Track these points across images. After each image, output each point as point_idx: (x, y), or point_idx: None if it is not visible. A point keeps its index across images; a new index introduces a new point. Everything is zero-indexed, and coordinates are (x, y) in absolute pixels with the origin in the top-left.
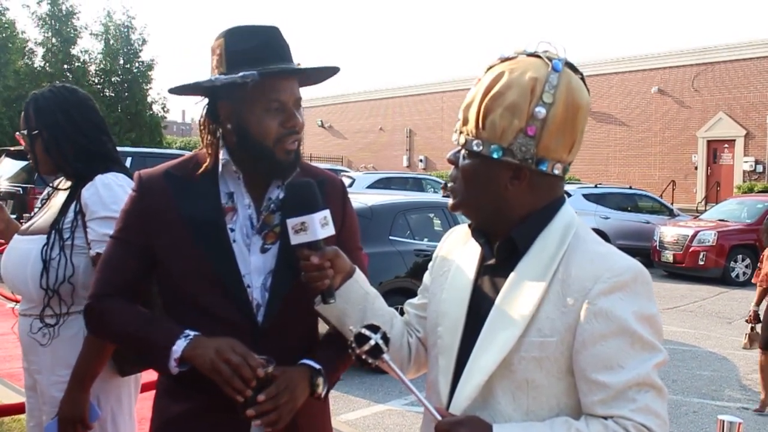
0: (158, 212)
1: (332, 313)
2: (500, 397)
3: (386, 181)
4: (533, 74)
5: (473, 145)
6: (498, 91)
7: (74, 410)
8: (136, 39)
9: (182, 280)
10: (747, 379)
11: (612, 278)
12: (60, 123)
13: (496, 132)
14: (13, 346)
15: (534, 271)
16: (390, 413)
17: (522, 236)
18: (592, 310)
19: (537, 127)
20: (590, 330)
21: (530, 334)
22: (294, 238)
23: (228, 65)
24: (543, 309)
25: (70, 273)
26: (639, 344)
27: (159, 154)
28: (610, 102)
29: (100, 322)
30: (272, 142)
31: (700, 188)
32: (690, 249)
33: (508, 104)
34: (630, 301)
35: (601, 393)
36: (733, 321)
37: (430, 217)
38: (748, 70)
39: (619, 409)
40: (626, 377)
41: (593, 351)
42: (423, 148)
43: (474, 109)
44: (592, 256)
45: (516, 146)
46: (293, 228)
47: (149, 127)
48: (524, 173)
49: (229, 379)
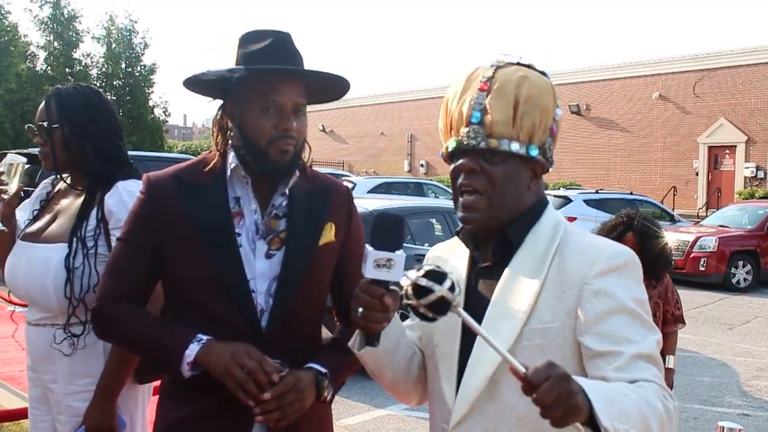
0: (167, 215)
1: (374, 355)
2: (505, 389)
3: (387, 185)
4: (545, 79)
5: (510, 146)
6: (531, 94)
7: (102, 422)
8: (138, 43)
9: (188, 283)
10: (748, 385)
11: (607, 261)
12: (83, 121)
13: (536, 132)
14: (14, 350)
15: (529, 264)
16: (390, 418)
17: (516, 233)
18: (591, 289)
19: (555, 127)
20: (592, 309)
21: (531, 323)
22: (372, 272)
23: (236, 65)
24: (542, 298)
25: (95, 282)
26: (638, 321)
27: (160, 158)
28: (612, 108)
29: (108, 326)
30: (265, 143)
31: (701, 194)
32: (691, 255)
33: (544, 106)
34: (624, 282)
35: (618, 360)
36: (733, 327)
37: (431, 222)
38: (750, 76)
39: (639, 373)
40: (636, 348)
41: (597, 329)
42: (424, 153)
43: (503, 111)
44: (585, 245)
45: (547, 144)
46: (376, 261)
47: (150, 131)
48: (540, 171)
49: (244, 383)
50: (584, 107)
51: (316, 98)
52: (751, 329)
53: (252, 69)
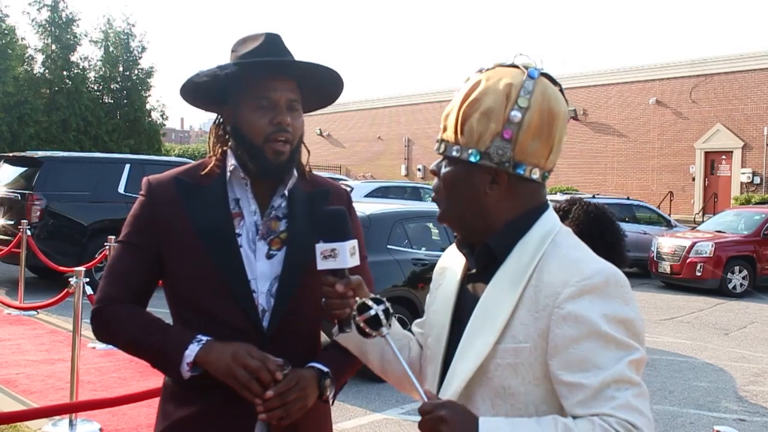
0: (167, 218)
1: (352, 341)
2: (479, 404)
3: (384, 190)
4: (509, 80)
5: (452, 151)
6: (475, 97)
7: None
8: (136, 46)
9: (189, 285)
10: (744, 390)
11: (581, 282)
12: None
13: (474, 137)
14: (10, 353)
15: (509, 279)
16: (387, 422)
17: (499, 244)
18: (561, 314)
19: (513, 130)
20: (561, 334)
21: (505, 341)
22: (321, 264)
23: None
24: (517, 315)
25: None
26: (613, 344)
27: (157, 161)
28: (608, 113)
29: (107, 328)
30: (261, 141)
31: (698, 199)
32: (687, 260)
33: (484, 109)
34: (600, 303)
35: (580, 394)
36: (730, 332)
37: (428, 226)
38: (746, 82)
39: (600, 407)
40: (602, 376)
41: (566, 355)
42: (421, 158)
43: (452, 117)
44: (564, 261)
45: (493, 150)
46: (322, 253)
47: (148, 134)
48: (502, 177)
49: (247, 383)
50: (581, 112)
51: (310, 100)
52: (747, 334)
53: (242, 63)
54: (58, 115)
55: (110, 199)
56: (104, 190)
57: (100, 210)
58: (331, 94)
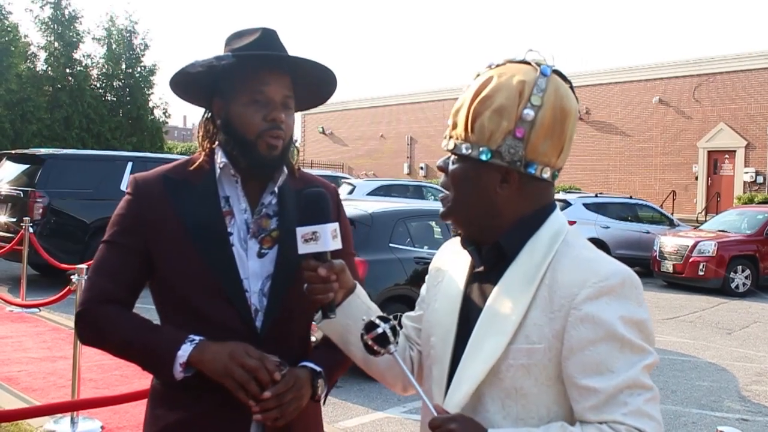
0: (155, 216)
1: (334, 329)
2: (489, 405)
3: (387, 188)
4: (522, 77)
5: (462, 149)
6: (486, 94)
7: None
8: (139, 44)
9: (180, 284)
10: (746, 390)
11: (598, 283)
12: None
13: (485, 135)
14: (12, 350)
15: (521, 278)
16: (388, 421)
17: (510, 242)
18: (578, 315)
19: (525, 129)
20: (577, 336)
21: (518, 341)
22: (303, 247)
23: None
24: (530, 315)
25: None
26: (628, 348)
27: (160, 159)
28: (611, 112)
29: (94, 330)
30: (254, 136)
31: (701, 199)
32: (690, 259)
33: (496, 107)
34: (617, 305)
35: (592, 398)
36: (732, 332)
37: (431, 224)
38: (749, 81)
39: (611, 413)
40: (616, 381)
41: (581, 357)
42: (424, 156)
43: (463, 114)
44: (579, 261)
45: (504, 148)
46: (303, 237)
47: (150, 132)
48: (513, 176)
49: (245, 383)
50: (584, 111)
51: (303, 97)
52: (750, 334)
53: (240, 55)
54: (60, 113)
55: (112, 197)
56: (107, 187)
57: (102, 207)
58: (324, 93)
